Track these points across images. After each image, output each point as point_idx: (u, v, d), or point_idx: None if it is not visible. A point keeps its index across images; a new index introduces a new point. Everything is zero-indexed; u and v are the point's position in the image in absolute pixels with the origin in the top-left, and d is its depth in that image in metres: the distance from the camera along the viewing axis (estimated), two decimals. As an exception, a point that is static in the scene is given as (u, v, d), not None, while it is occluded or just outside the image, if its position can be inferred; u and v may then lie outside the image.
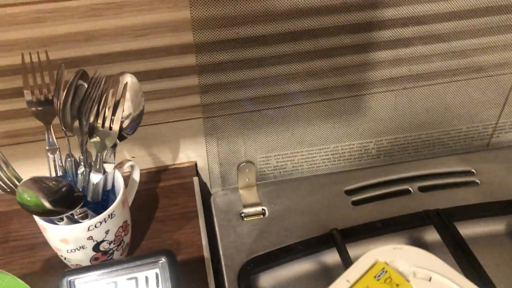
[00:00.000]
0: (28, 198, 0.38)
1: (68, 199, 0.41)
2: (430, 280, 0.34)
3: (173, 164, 0.65)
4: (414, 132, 0.64)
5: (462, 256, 0.51)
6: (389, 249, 0.35)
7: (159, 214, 0.59)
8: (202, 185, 0.67)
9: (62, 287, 0.38)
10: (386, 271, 0.34)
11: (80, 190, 0.45)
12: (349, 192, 0.63)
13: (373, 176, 0.64)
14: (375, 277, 0.33)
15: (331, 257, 0.56)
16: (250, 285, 0.52)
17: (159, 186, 0.63)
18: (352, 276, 0.34)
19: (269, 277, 0.55)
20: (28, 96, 0.48)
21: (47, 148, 0.48)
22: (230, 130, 0.61)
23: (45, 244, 0.55)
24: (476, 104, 0.64)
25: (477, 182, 0.63)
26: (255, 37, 0.53)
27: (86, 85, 0.46)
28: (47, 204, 0.40)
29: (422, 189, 0.63)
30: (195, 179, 0.63)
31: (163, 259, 0.40)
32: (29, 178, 0.38)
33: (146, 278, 0.39)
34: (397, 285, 0.33)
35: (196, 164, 0.65)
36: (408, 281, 0.33)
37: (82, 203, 0.42)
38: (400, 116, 0.63)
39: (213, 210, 0.61)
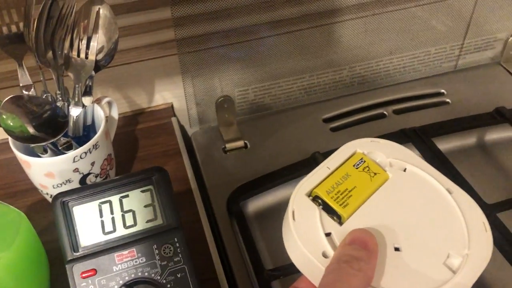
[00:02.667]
0: (11, 124, 0.37)
1: (52, 124, 0.40)
2: (405, 170, 0.35)
3: (149, 107, 0.64)
4: (385, 57, 0.66)
5: (443, 168, 0.53)
6: (366, 141, 0.37)
7: (140, 154, 0.59)
8: (180, 127, 0.66)
9: (56, 209, 0.37)
10: (364, 161, 0.35)
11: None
12: (327, 120, 0.64)
13: (348, 104, 0.65)
14: (354, 165, 0.35)
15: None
16: (240, 211, 0.53)
17: (137, 128, 0.62)
18: (332, 164, 0.35)
19: (256, 203, 0.56)
20: (-4, 32, 0.46)
21: (20, 85, 0.47)
22: (205, 67, 0.60)
23: (25, 191, 0.54)
24: (441, 26, 0.66)
25: (448, 102, 0.66)
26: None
27: (56, 16, 0.44)
28: (31, 129, 0.39)
29: (397, 112, 0.65)
30: (174, 119, 0.63)
31: (156, 175, 0.40)
32: (11, 96, 0.37)
33: (141, 195, 0.39)
34: (375, 173, 0.35)
35: (172, 106, 0.65)
36: (385, 170, 0.35)
37: (66, 129, 0.41)
38: (371, 42, 0.64)
39: (195, 148, 0.61)
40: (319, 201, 0.33)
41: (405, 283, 0.30)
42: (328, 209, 0.33)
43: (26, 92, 0.47)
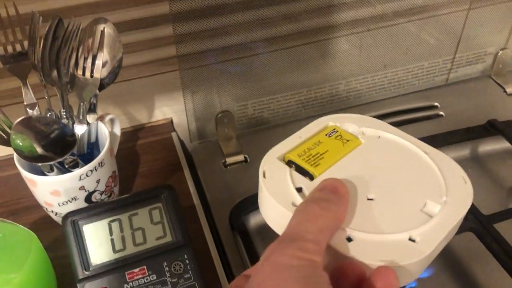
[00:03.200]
0: (21, 143, 0.38)
1: (60, 143, 0.40)
2: (378, 137, 0.36)
3: (149, 122, 0.65)
4: (380, 71, 0.67)
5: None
6: (338, 116, 0.38)
7: (142, 170, 0.59)
8: (180, 141, 0.67)
9: (66, 228, 0.38)
10: (337, 131, 0.36)
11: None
12: (325, 134, 0.65)
13: (345, 117, 0.67)
14: (326, 135, 0.35)
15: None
16: (243, 225, 0.54)
17: (138, 144, 0.62)
18: (304, 134, 0.36)
19: (258, 217, 0.56)
20: (0, 51, 0.46)
21: (25, 104, 0.47)
22: (205, 82, 0.61)
23: (27, 208, 0.54)
24: (433, 41, 0.68)
25: (442, 114, 0.67)
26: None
27: (61, 36, 0.45)
28: (39, 149, 0.39)
29: (392, 125, 0.66)
30: (174, 134, 0.63)
31: (164, 193, 0.40)
32: (22, 118, 0.38)
33: (150, 212, 0.40)
34: (347, 140, 0.35)
35: (172, 121, 0.65)
36: (358, 138, 0.35)
37: (74, 147, 0.41)
38: (366, 57, 0.66)
39: (195, 162, 0.62)
40: (292, 165, 0.33)
41: (380, 226, 0.29)
42: (300, 171, 0.33)
43: (31, 111, 0.47)
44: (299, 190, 0.31)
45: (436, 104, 0.69)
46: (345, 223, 0.29)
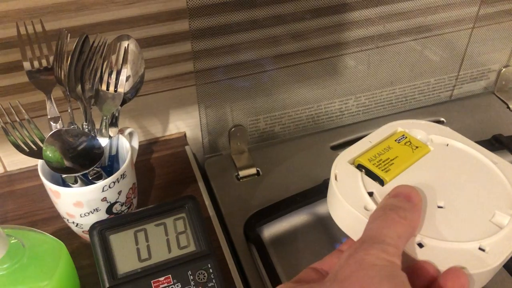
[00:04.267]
0: (51, 155, 0.39)
1: (87, 156, 0.41)
2: (447, 145, 0.36)
3: (163, 136, 0.66)
4: (387, 87, 0.69)
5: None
6: (407, 122, 0.38)
7: (158, 182, 0.60)
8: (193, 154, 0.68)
9: (93, 238, 0.39)
10: (406, 137, 0.36)
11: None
12: (335, 148, 0.67)
13: (354, 132, 0.68)
14: (396, 140, 0.36)
15: (326, 207, 0.59)
16: (258, 236, 0.55)
17: (153, 157, 0.64)
18: (374, 139, 0.36)
19: (271, 229, 0.57)
20: (27, 66, 0.47)
21: (49, 117, 0.48)
22: (219, 97, 0.62)
23: (46, 220, 0.55)
24: (439, 58, 0.70)
25: (447, 129, 0.69)
26: (243, 0, 0.55)
27: (86, 52, 0.47)
28: (66, 161, 0.40)
29: (400, 139, 0.68)
30: (187, 148, 0.65)
31: (188, 204, 0.41)
32: (54, 131, 0.39)
33: (174, 223, 0.41)
34: (416, 147, 0.35)
35: (185, 135, 0.67)
36: (427, 145, 0.36)
37: (101, 159, 0.43)
38: (375, 74, 0.68)
39: (209, 175, 0.63)
40: (362, 169, 0.34)
41: (450, 234, 0.30)
42: (370, 175, 0.33)
43: (54, 124, 0.49)
44: (370, 194, 0.32)
45: (442, 119, 0.71)
46: (417, 229, 0.30)
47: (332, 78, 0.66)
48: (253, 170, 0.63)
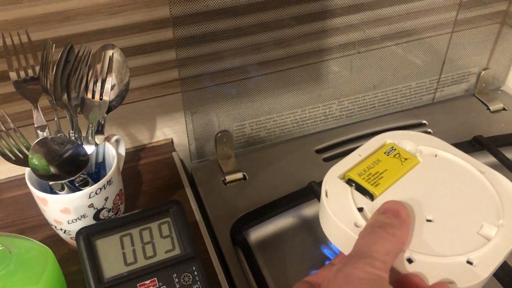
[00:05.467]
0: (37, 162, 0.40)
1: (73, 163, 0.42)
2: (436, 156, 0.37)
3: (150, 143, 0.67)
4: (370, 91, 0.71)
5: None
6: (396, 133, 0.39)
7: (145, 188, 0.61)
8: (180, 160, 0.69)
9: (80, 243, 0.39)
10: (395, 149, 0.37)
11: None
12: (319, 151, 0.68)
13: (338, 135, 0.70)
14: (385, 152, 0.36)
15: (311, 209, 0.60)
16: (244, 240, 0.56)
17: (140, 164, 0.64)
18: (363, 152, 0.37)
19: (258, 232, 0.58)
20: (14, 76, 0.48)
21: (35, 126, 0.49)
22: (204, 104, 0.63)
23: (34, 227, 0.56)
24: (420, 62, 0.72)
25: (430, 132, 0.71)
26: (226, 8, 0.56)
27: (72, 61, 0.48)
28: (53, 168, 0.41)
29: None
30: (174, 154, 0.66)
31: (173, 208, 0.42)
32: (40, 139, 0.40)
33: (159, 227, 0.42)
34: (405, 159, 0.36)
35: (172, 141, 0.68)
36: (415, 156, 0.36)
37: (86, 166, 0.43)
38: (357, 79, 0.69)
39: (196, 180, 0.64)
40: (352, 184, 0.34)
41: (438, 249, 0.30)
42: (360, 190, 0.34)
43: (41, 133, 0.49)
44: (360, 209, 0.33)
45: (424, 121, 0.72)
46: (406, 244, 0.30)
47: (316, 83, 0.68)
48: (239, 175, 0.64)
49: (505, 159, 0.62)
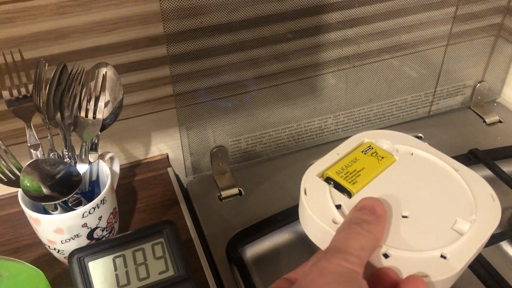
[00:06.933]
0: (29, 184, 0.39)
1: (66, 183, 0.42)
2: (412, 154, 0.38)
3: (146, 158, 0.67)
4: (366, 105, 0.71)
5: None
6: (373, 132, 0.40)
7: (140, 205, 0.61)
8: (175, 176, 0.69)
9: (72, 265, 0.39)
10: (372, 148, 0.38)
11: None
12: (316, 166, 0.68)
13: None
14: (362, 151, 0.37)
15: (308, 225, 0.60)
16: (240, 257, 0.55)
17: (135, 180, 0.64)
18: (341, 151, 0.38)
19: (254, 249, 0.58)
20: (6, 95, 0.48)
21: (29, 145, 0.49)
22: (199, 119, 0.63)
23: (28, 246, 0.55)
24: (416, 75, 0.72)
25: (426, 145, 0.71)
26: (220, 25, 0.56)
27: (65, 80, 0.47)
28: (45, 190, 0.41)
29: (380, 156, 0.69)
30: (170, 169, 0.65)
31: (166, 229, 0.42)
32: (31, 161, 0.39)
33: (153, 248, 0.41)
34: (382, 157, 0.37)
35: (167, 157, 0.67)
36: (392, 155, 0.37)
37: (79, 186, 0.43)
38: (352, 92, 0.69)
39: (191, 196, 0.64)
40: (330, 182, 0.35)
41: (414, 244, 0.31)
42: (338, 187, 0.35)
43: (34, 151, 0.49)
44: (338, 207, 0.34)
45: (420, 135, 0.72)
46: (382, 240, 0.31)
47: (311, 98, 0.68)
48: (235, 190, 0.64)
49: (501, 173, 0.62)
